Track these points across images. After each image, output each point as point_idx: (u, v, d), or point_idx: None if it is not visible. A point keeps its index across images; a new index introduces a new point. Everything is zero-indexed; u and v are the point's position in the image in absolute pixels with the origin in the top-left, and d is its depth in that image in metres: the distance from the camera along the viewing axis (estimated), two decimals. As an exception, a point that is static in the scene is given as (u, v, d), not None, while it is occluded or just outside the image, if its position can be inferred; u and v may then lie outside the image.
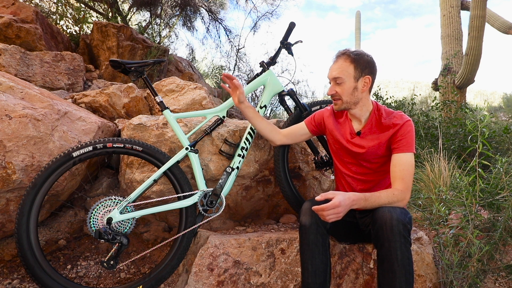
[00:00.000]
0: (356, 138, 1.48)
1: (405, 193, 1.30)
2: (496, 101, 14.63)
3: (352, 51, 1.40)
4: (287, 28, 1.91)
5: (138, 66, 1.69)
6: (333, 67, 1.42)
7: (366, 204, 1.26)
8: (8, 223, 1.66)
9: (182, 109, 2.68)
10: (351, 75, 1.38)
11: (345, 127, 1.53)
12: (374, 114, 1.46)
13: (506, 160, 1.76)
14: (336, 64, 1.41)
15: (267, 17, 7.65)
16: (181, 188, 1.67)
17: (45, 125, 1.73)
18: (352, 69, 1.38)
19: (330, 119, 1.59)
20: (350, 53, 1.39)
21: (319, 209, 1.16)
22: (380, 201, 1.27)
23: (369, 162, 1.47)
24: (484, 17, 4.33)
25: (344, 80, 1.38)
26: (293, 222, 2.08)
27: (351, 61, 1.38)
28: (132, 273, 1.78)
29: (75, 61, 3.43)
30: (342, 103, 1.43)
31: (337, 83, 1.40)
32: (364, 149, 1.45)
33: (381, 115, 1.44)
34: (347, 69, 1.38)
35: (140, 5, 6.04)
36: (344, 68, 1.38)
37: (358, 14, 8.20)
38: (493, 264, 1.64)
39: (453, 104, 4.61)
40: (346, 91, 1.40)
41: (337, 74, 1.39)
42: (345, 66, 1.38)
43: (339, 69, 1.39)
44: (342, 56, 1.40)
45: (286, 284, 1.52)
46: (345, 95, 1.40)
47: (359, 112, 1.46)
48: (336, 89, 1.41)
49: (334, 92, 1.42)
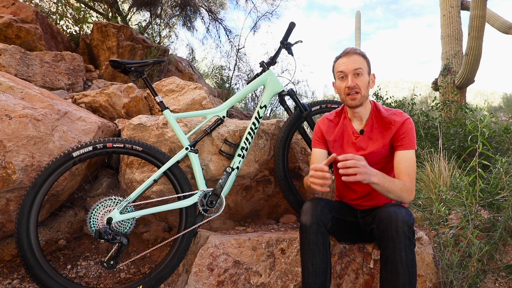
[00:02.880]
0: (360, 138, 1.48)
1: (413, 187, 1.33)
2: (496, 101, 14.63)
3: (359, 49, 1.45)
4: (287, 28, 1.91)
5: (138, 66, 1.69)
6: (349, 60, 1.41)
7: (383, 180, 1.25)
8: (8, 223, 1.66)
9: (182, 109, 2.68)
10: (366, 69, 1.42)
11: (346, 130, 1.52)
12: (373, 111, 1.49)
13: (506, 160, 1.76)
14: (352, 58, 1.41)
15: (267, 17, 7.65)
16: (181, 188, 1.67)
17: (45, 125, 1.73)
18: (366, 64, 1.43)
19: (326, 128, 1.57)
20: (360, 50, 1.44)
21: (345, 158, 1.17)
22: (394, 185, 1.28)
23: (373, 164, 1.46)
24: (484, 17, 4.33)
25: (363, 72, 1.40)
26: (293, 222, 2.08)
27: (363, 57, 1.43)
28: (132, 273, 1.78)
29: (75, 61, 3.43)
30: (361, 97, 1.41)
31: (357, 74, 1.40)
32: (370, 150, 1.45)
33: (380, 111, 1.48)
34: (363, 62, 1.42)
35: (140, 5, 6.04)
36: (361, 61, 1.41)
37: (358, 14, 8.20)
38: (493, 264, 1.64)
39: (453, 104, 4.61)
40: (364, 83, 1.41)
41: (358, 65, 1.39)
42: (361, 59, 1.41)
43: (358, 61, 1.40)
44: (353, 52, 1.43)
45: (286, 284, 1.52)
46: (363, 88, 1.41)
47: (363, 110, 1.47)
48: (356, 81, 1.40)
49: (355, 84, 1.39)
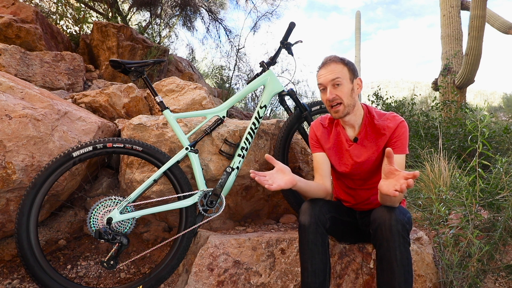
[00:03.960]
0: (354, 146, 1.43)
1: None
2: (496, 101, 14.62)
3: (338, 56, 1.38)
4: (287, 28, 1.91)
5: (138, 66, 1.69)
6: (326, 70, 1.35)
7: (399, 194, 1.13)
8: (8, 223, 1.66)
9: (182, 109, 2.68)
10: (347, 77, 1.35)
11: (340, 138, 1.47)
12: (366, 117, 1.43)
13: (506, 160, 1.76)
14: (328, 67, 1.35)
15: (267, 17, 7.64)
16: (181, 188, 1.67)
17: (45, 125, 1.73)
18: (347, 71, 1.35)
19: (320, 134, 1.52)
20: (338, 58, 1.37)
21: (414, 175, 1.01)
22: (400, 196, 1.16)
23: (366, 170, 1.45)
24: (484, 17, 4.33)
25: (342, 81, 1.33)
26: (293, 222, 2.08)
27: (343, 64, 1.35)
28: (132, 273, 1.78)
29: (75, 61, 3.43)
30: (344, 108, 1.35)
31: (336, 85, 1.33)
32: (364, 158, 1.42)
33: (373, 117, 1.42)
34: (342, 70, 1.34)
35: (140, 5, 6.04)
36: (339, 70, 1.34)
37: (358, 14, 8.21)
38: (493, 264, 1.64)
39: (453, 104, 4.61)
40: (346, 92, 1.34)
41: (335, 75, 1.33)
42: (339, 68, 1.34)
43: (335, 70, 1.33)
44: (331, 61, 1.36)
45: (286, 284, 1.52)
46: (345, 97, 1.34)
47: (354, 117, 1.41)
48: (336, 93, 1.33)
49: (335, 95, 1.33)
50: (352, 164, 1.45)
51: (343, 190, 1.57)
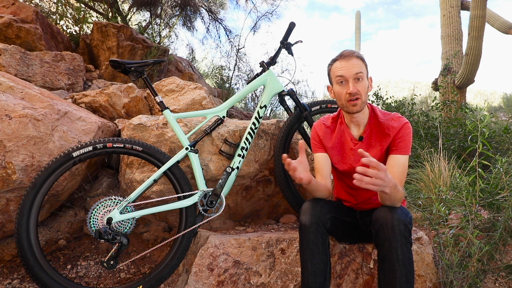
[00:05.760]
0: (359, 145, 1.43)
1: (404, 194, 1.29)
2: (496, 101, 14.62)
3: (357, 51, 1.38)
4: (287, 28, 1.91)
5: (138, 66, 1.69)
6: (349, 64, 1.33)
7: (393, 191, 1.15)
8: (8, 223, 1.66)
9: (182, 109, 2.68)
10: (365, 73, 1.35)
11: (344, 137, 1.47)
12: (371, 116, 1.43)
13: (506, 160, 1.76)
14: (351, 61, 1.33)
15: (267, 17, 7.63)
16: (181, 188, 1.67)
17: (45, 125, 1.73)
18: (365, 68, 1.36)
19: (323, 133, 1.51)
20: (358, 53, 1.37)
21: (370, 162, 1.04)
22: (398, 195, 1.19)
23: None
24: (484, 17, 4.33)
25: (364, 76, 1.33)
26: (293, 222, 2.08)
27: (362, 60, 1.35)
28: (132, 273, 1.78)
29: (75, 61, 3.43)
30: (362, 103, 1.34)
31: (358, 79, 1.32)
32: None
33: (377, 115, 1.42)
34: (362, 66, 1.34)
35: (140, 5, 6.04)
36: (361, 65, 1.34)
37: (358, 14, 8.21)
38: (493, 264, 1.64)
39: (453, 104, 4.60)
40: (365, 89, 1.34)
41: (358, 69, 1.31)
42: (360, 63, 1.34)
43: (358, 65, 1.32)
44: (353, 55, 1.35)
45: (286, 284, 1.52)
46: (363, 93, 1.33)
47: (362, 115, 1.41)
48: (357, 87, 1.32)
49: (357, 90, 1.31)
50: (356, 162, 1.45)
51: (344, 190, 1.57)
